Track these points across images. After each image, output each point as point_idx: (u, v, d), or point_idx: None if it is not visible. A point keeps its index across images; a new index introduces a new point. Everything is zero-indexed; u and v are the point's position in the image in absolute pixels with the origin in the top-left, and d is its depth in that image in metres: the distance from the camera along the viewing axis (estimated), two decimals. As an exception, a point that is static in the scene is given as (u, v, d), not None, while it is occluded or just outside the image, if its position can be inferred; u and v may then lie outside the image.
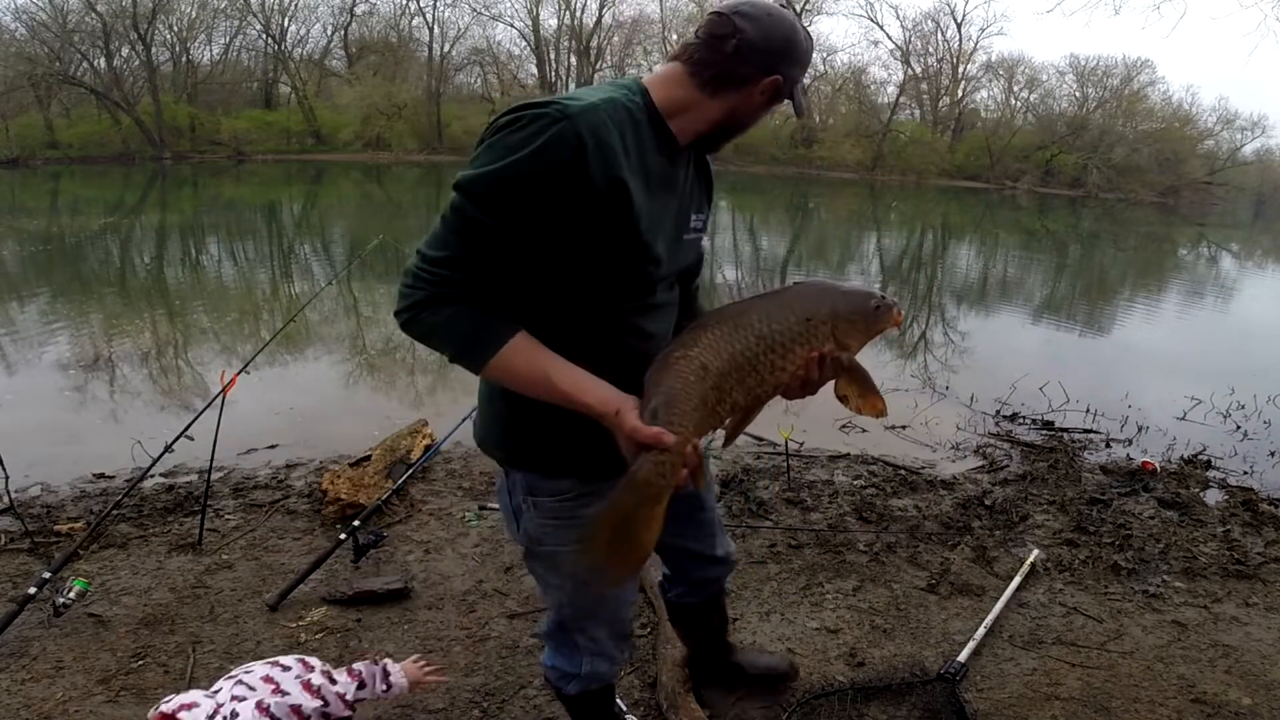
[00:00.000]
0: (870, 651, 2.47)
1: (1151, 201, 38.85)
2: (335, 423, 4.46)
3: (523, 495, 1.43)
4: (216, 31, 38.99)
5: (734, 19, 1.25)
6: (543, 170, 1.13)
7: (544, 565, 1.50)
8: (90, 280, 8.73)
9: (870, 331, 1.29)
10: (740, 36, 1.24)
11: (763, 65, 1.27)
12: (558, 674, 1.67)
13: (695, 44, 1.28)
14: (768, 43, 1.26)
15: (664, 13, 42.18)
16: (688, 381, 1.18)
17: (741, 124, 1.35)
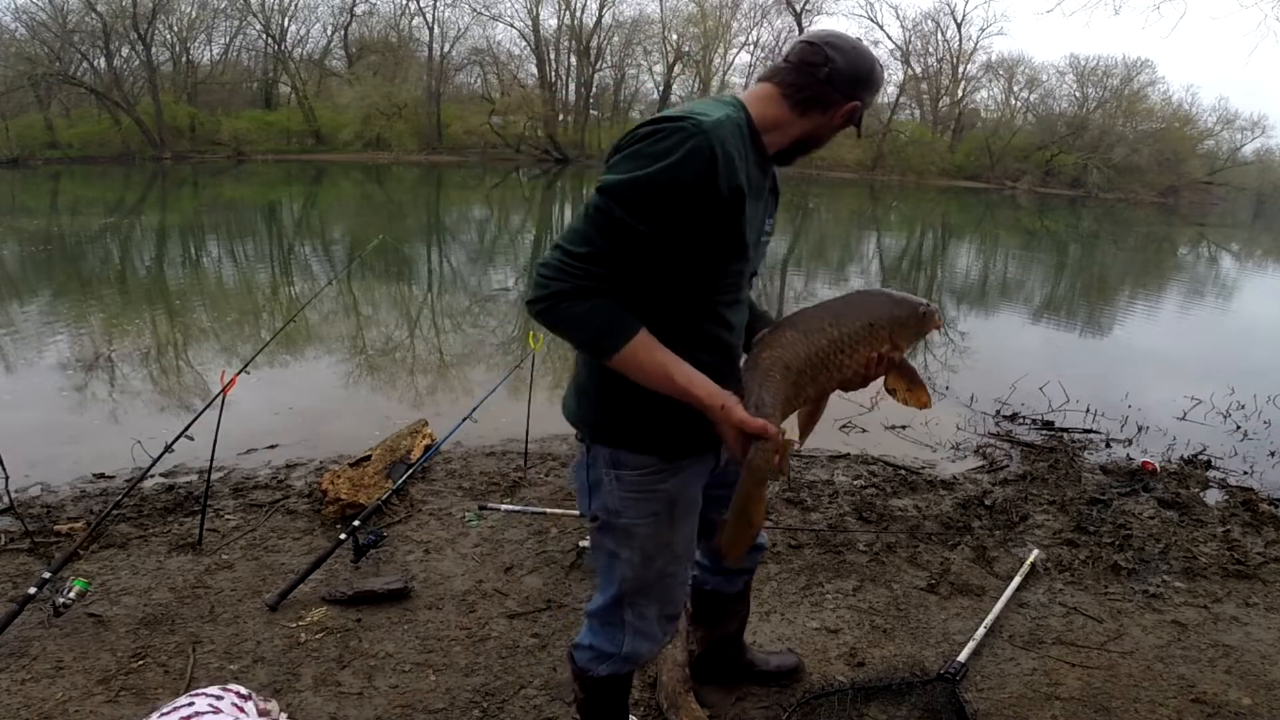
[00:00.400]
0: (870, 651, 2.47)
1: (1151, 201, 38.85)
2: (335, 423, 4.46)
3: (605, 468, 1.54)
4: (216, 31, 39.03)
5: (826, 50, 1.42)
6: (682, 178, 1.26)
7: (617, 538, 1.59)
8: (90, 280, 8.73)
9: (919, 333, 1.50)
10: (831, 66, 1.41)
11: (847, 92, 1.44)
12: (592, 654, 1.72)
13: (787, 68, 1.44)
14: (854, 72, 1.44)
15: (664, 13, 42.21)
16: (774, 379, 1.37)
17: (819, 142, 1.53)
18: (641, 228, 1.28)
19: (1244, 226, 32.40)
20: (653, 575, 1.62)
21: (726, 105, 1.40)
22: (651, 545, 1.58)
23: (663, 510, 1.56)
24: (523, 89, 40.76)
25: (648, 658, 1.74)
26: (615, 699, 1.84)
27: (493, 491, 3.51)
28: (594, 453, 1.57)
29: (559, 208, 22.08)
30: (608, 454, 1.54)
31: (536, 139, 40.39)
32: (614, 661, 1.71)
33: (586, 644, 1.73)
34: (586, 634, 1.74)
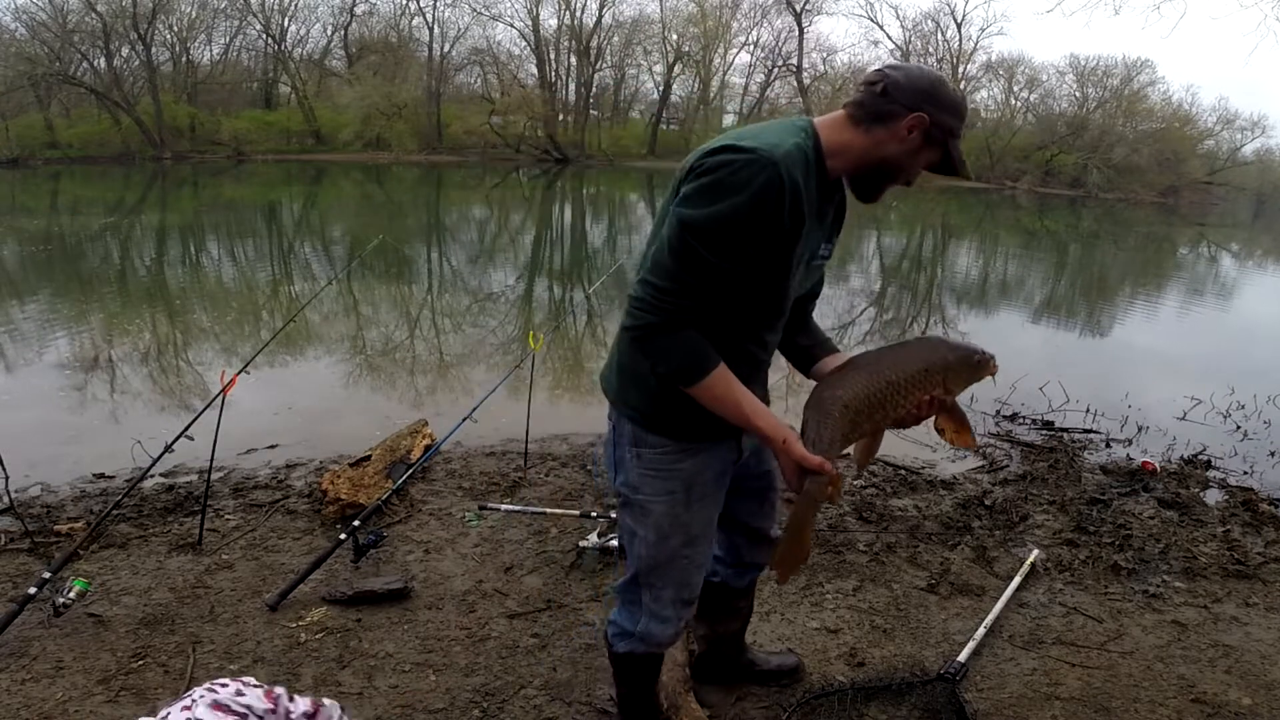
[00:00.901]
0: (870, 651, 2.47)
1: (1151, 201, 38.85)
2: (335, 423, 4.46)
3: (628, 445, 1.62)
4: (216, 31, 39.04)
5: (884, 69, 1.46)
6: (758, 212, 1.33)
7: (635, 514, 1.66)
8: (90, 280, 8.73)
9: (972, 380, 1.60)
10: (887, 79, 1.44)
11: (906, 102, 1.42)
12: (615, 629, 1.81)
13: (855, 94, 1.47)
14: (911, 83, 1.44)
15: (664, 13, 42.21)
16: (834, 418, 1.47)
17: (893, 162, 1.48)
18: (721, 262, 1.36)
19: (1244, 226, 32.41)
20: (667, 555, 1.67)
21: (797, 131, 1.43)
22: (667, 523, 1.63)
23: (679, 489, 1.62)
24: (523, 89, 40.75)
25: (664, 642, 1.78)
26: (637, 680, 1.90)
27: (493, 491, 3.51)
28: (620, 429, 1.63)
29: (559, 208, 22.09)
30: (631, 431, 1.61)
31: (536, 139, 40.39)
32: (631, 640, 1.77)
33: (612, 619, 1.82)
34: (615, 610, 1.82)
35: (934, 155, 1.48)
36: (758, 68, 45.35)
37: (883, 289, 10.94)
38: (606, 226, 17.87)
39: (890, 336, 7.92)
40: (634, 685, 1.92)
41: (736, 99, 46.56)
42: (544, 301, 8.89)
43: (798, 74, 44.22)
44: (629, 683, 1.92)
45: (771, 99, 45.96)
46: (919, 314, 9.33)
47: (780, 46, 44.37)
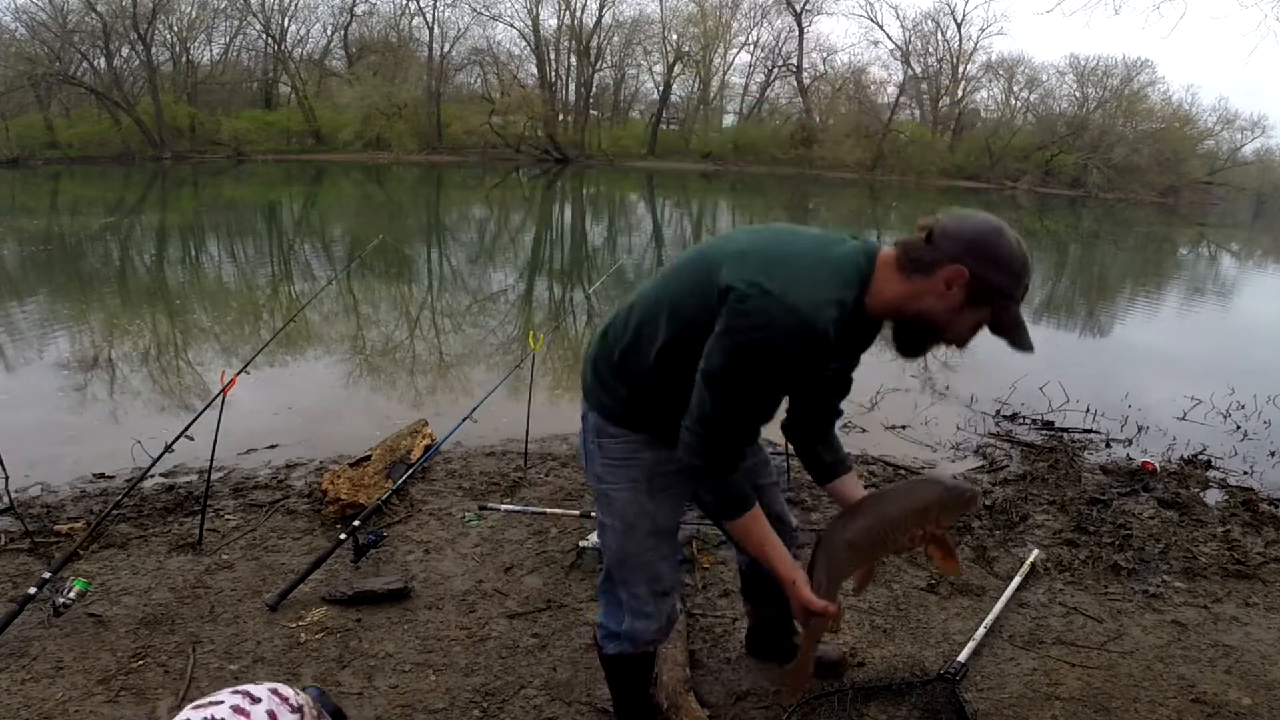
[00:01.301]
0: (870, 651, 2.47)
1: (1151, 201, 38.84)
2: (335, 423, 4.46)
3: (593, 436, 1.69)
4: (216, 31, 38.99)
5: (940, 216, 1.41)
6: (795, 368, 1.40)
7: (602, 504, 1.73)
8: (90, 280, 8.73)
9: (960, 516, 1.90)
10: (935, 225, 1.38)
11: (949, 252, 1.35)
12: (604, 632, 1.82)
13: (912, 235, 1.43)
14: (959, 231, 1.37)
15: (664, 13, 42.17)
16: (840, 560, 1.65)
17: (930, 317, 1.42)
18: (757, 408, 1.46)
19: (1244, 226, 32.40)
20: (634, 545, 1.69)
21: (849, 280, 1.41)
22: (631, 512, 1.67)
23: (640, 478, 1.66)
24: (523, 89, 40.74)
25: (649, 638, 1.78)
26: (629, 682, 1.90)
27: (493, 491, 3.51)
28: (587, 420, 1.71)
29: (559, 208, 22.09)
30: (595, 422, 1.68)
31: (536, 139, 40.38)
32: (619, 641, 1.79)
33: (600, 621, 1.84)
34: (600, 611, 1.85)
35: (983, 315, 1.40)
36: (758, 68, 45.37)
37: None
38: (606, 226, 17.87)
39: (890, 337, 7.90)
40: (627, 687, 1.92)
41: (736, 99, 46.61)
42: (544, 301, 8.89)
43: (798, 74, 44.22)
44: (622, 685, 1.93)
45: (771, 99, 45.99)
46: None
47: (780, 46, 44.38)
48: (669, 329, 1.49)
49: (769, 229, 1.52)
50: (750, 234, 1.51)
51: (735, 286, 1.35)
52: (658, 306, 1.52)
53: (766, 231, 1.51)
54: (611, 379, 1.63)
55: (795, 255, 1.40)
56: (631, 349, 1.58)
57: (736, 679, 2.31)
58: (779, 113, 45.57)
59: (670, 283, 1.53)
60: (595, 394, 1.68)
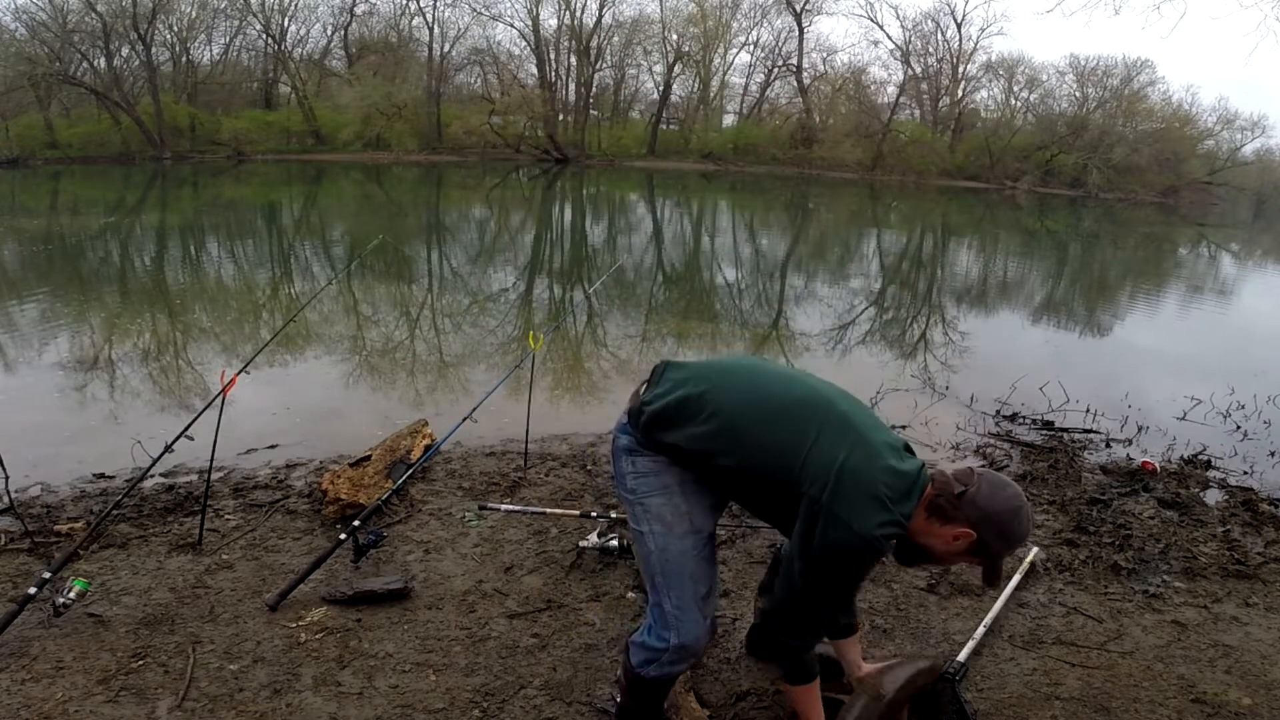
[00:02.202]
0: (870, 651, 2.46)
1: (1151, 201, 38.83)
2: (335, 423, 4.46)
3: (624, 456, 1.80)
4: (216, 31, 38.96)
5: (980, 480, 1.60)
6: (863, 575, 1.72)
7: (638, 514, 1.78)
8: (90, 280, 8.73)
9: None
10: (972, 489, 1.58)
11: (970, 518, 1.58)
12: (645, 656, 1.81)
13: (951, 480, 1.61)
14: (987, 505, 1.58)
15: (664, 13, 42.13)
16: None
17: (932, 552, 1.66)
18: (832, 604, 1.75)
19: (1244, 226, 32.40)
20: (675, 544, 1.74)
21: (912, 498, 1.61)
22: (668, 512, 1.75)
23: (672, 484, 1.76)
24: (523, 89, 40.72)
25: (700, 643, 1.79)
26: (656, 700, 1.93)
27: (493, 491, 3.51)
28: (617, 442, 1.82)
29: (559, 208, 22.08)
30: (627, 444, 1.80)
31: (536, 139, 40.38)
32: (662, 663, 1.80)
33: (639, 641, 1.83)
34: (642, 634, 1.84)
35: (974, 562, 1.66)
36: (758, 68, 45.32)
37: (883, 289, 10.94)
38: (606, 226, 17.86)
39: (890, 337, 7.93)
40: (652, 705, 1.95)
41: (736, 99, 46.57)
42: (544, 301, 8.89)
43: (798, 74, 44.19)
44: (648, 703, 1.94)
45: (771, 99, 45.96)
46: (919, 314, 9.33)
47: (780, 46, 44.32)
48: (740, 466, 1.67)
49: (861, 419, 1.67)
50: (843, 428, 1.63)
51: (824, 509, 1.56)
52: (734, 437, 1.66)
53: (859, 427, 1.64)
54: (662, 434, 1.74)
55: (880, 474, 1.57)
56: (701, 438, 1.69)
57: (736, 679, 2.31)
58: (779, 113, 45.53)
59: (757, 426, 1.65)
60: (639, 429, 1.78)
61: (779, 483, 1.62)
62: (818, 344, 7.19)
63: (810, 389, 1.72)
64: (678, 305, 9.06)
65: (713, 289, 10.33)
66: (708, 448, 1.68)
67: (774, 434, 1.64)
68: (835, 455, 1.58)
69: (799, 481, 1.59)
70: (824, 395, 1.70)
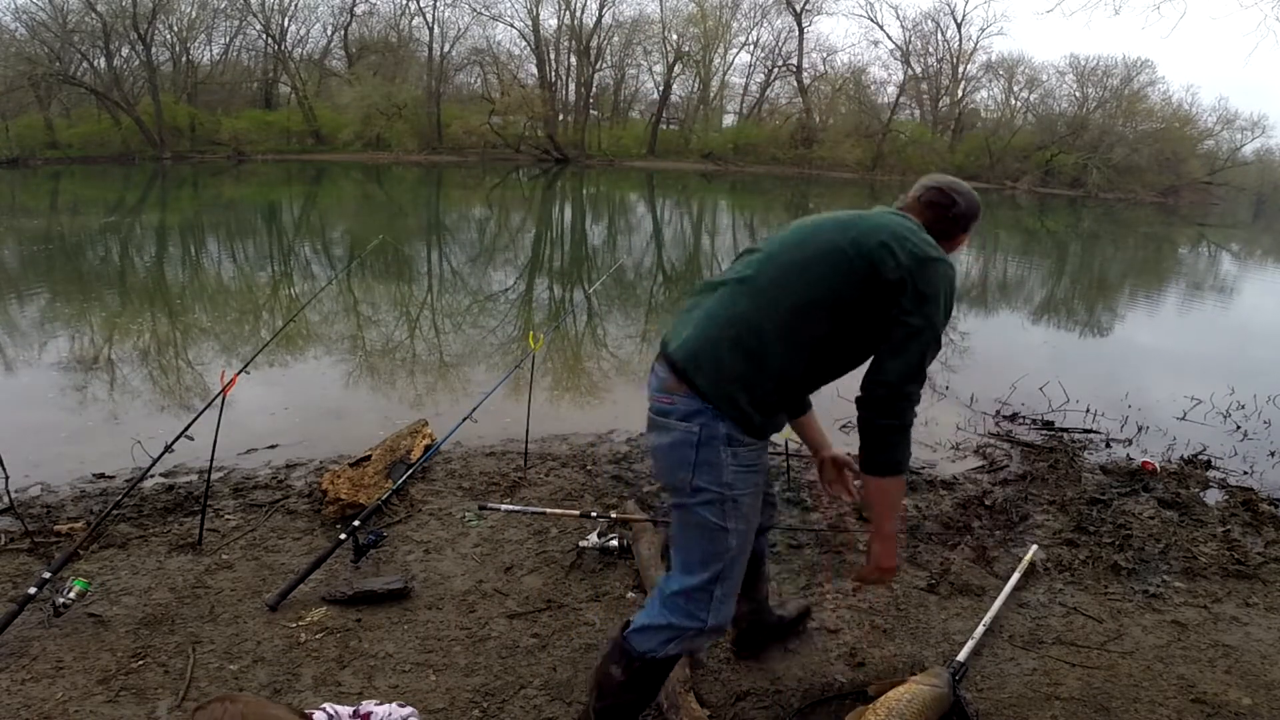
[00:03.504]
0: (870, 651, 2.47)
1: (1151, 201, 38.84)
2: (335, 423, 4.46)
3: (723, 445, 1.67)
4: (216, 31, 39.02)
5: (953, 195, 1.84)
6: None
7: (727, 510, 1.71)
8: (90, 280, 8.73)
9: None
10: (956, 209, 1.84)
11: (965, 227, 1.88)
12: (667, 634, 1.75)
13: (922, 208, 1.83)
14: (970, 212, 1.87)
15: (664, 13, 42.19)
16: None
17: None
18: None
19: (1244, 226, 32.40)
20: (747, 544, 1.79)
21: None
22: (752, 514, 1.76)
23: (760, 483, 1.77)
24: (523, 89, 40.74)
25: (730, 622, 1.83)
26: (660, 681, 1.87)
27: (493, 491, 3.51)
28: (712, 430, 1.66)
29: (559, 208, 22.08)
30: (727, 433, 1.67)
31: (536, 139, 40.41)
32: (684, 640, 1.75)
33: (661, 623, 1.74)
34: (660, 613, 1.75)
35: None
36: (758, 68, 45.37)
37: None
38: (606, 226, 17.87)
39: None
40: (651, 690, 1.87)
41: (736, 99, 46.62)
42: (544, 301, 8.89)
43: (798, 74, 44.22)
44: (647, 689, 1.85)
45: (771, 99, 45.99)
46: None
47: (780, 46, 44.38)
48: (832, 321, 1.67)
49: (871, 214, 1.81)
50: (870, 216, 1.77)
51: (918, 258, 1.65)
52: (812, 305, 1.66)
53: (880, 214, 1.79)
54: (763, 386, 1.67)
55: (916, 228, 1.74)
56: (786, 353, 1.67)
57: (736, 679, 2.31)
58: (779, 113, 45.55)
59: (815, 281, 1.67)
60: (734, 400, 1.66)
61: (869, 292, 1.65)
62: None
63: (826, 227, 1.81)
64: (678, 305, 9.06)
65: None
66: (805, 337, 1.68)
67: (832, 269, 1.68)
68: (890, 226, 1.70)
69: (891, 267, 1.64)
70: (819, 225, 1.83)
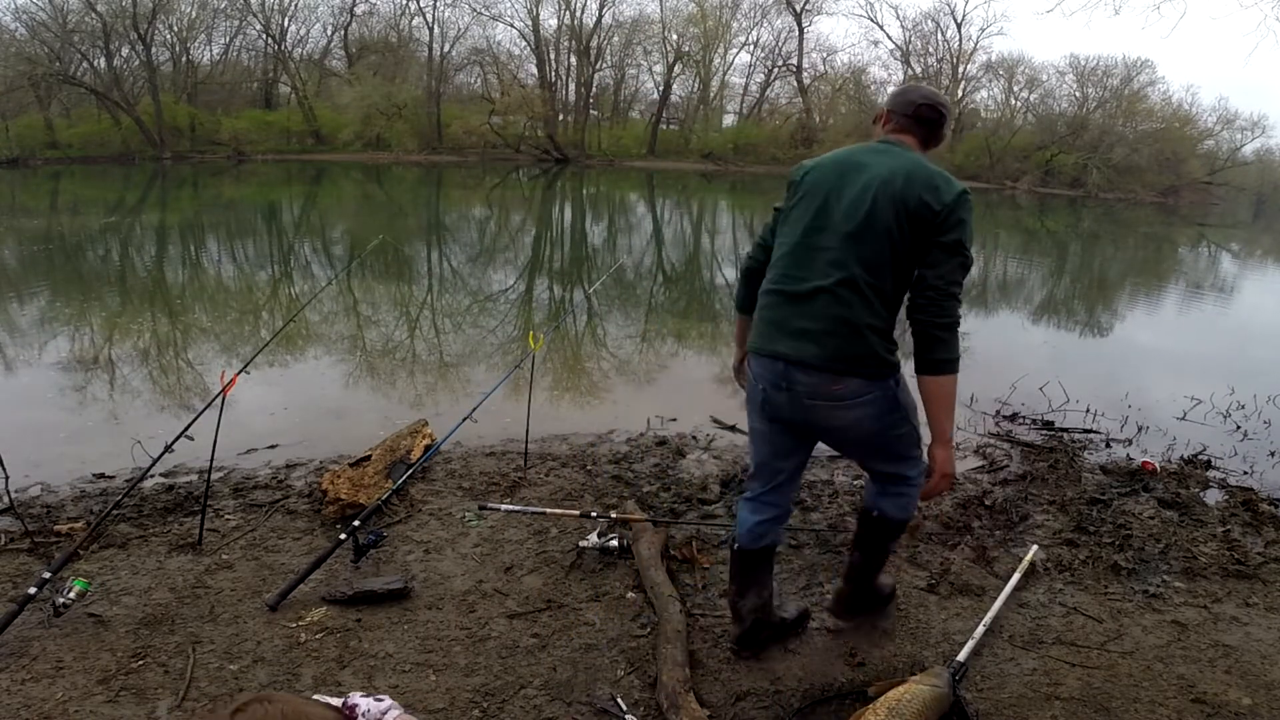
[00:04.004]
0: (870, 651, 2.47)
1: (1151, 201, 38.83)
2: (335, 423, 4.46)
3: (900, 392, 2.10)
4: (216, 31, 39.02)
5: (941, 109, 2.16)
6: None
7: (912, 440, 2.18)
8: (90, 280, 8.73)
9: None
10: (945, 118, 2.19)
11: (949, 129, 2.24)
12: (910, 504, 2.30)
13: (916, 125, 2.14)
14: (951, 114, 2.22)
15: (664, 13, 42.17)
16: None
17: None
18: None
19: (1244, 226, 32.39)
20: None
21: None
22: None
23: None
24: (523, 89, 40.73)
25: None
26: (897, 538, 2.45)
27: (493, 491, 3.51)
28: (886, 391, 2.06)
29: (559, 208, 22.08)
30: (895, 386, 2.09)
31: (536, 139, 40.39)
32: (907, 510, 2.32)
33: (900, 502, 2.27)
34: (892, 498, 2.27)
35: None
36: (758, 68, 45.33)
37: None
38: (606, 226, 17.87)
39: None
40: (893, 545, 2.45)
41: (736, 99, 46.59)
42: (544, 301, 8.89)
43: (798, 74, 44.22)
44: (893, 543, 2.43)
45: (771, 99, 45.97)
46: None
47: (780, 46, 44.35)
48: (902, 269, 2.01)
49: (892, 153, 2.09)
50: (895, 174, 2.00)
51: (958, 194, 1.97)
52: (884, 267, 1.99)
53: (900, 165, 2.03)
54: (884, 343, 2.03)
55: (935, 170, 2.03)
56: (883, 301, 2.02)
57: (736, 679, 2.31)
58: (779, 113, 45.54)
59: (882, 251, 1.98)
60: (888, 363, 2.04)
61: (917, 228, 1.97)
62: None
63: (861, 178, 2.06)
64: (677, 305, 9.06)
65: (713, 289, 10.33)
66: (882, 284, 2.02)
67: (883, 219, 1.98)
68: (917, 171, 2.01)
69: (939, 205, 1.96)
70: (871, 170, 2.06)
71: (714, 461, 3.95)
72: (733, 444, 4.31)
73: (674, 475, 3.77)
